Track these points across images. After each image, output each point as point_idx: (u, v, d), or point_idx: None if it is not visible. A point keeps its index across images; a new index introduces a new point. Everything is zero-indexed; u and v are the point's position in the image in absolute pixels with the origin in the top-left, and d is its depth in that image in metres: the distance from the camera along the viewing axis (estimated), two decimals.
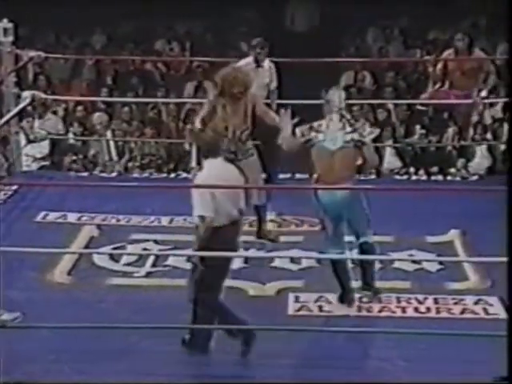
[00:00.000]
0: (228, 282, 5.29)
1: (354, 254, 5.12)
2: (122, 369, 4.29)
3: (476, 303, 4.99)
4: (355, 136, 5.00)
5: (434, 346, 4.36)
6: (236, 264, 5.49)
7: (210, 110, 5.27)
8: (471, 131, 8.09)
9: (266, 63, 6.62)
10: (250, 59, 6.54)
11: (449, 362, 4.29)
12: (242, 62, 6.57)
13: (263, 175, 5.96)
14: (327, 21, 9.71)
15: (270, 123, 5.42)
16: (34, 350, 4.37)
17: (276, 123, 5.36)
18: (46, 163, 8.33)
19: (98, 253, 5.60)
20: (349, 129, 4.99)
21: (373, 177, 7.85)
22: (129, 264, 5.48)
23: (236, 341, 4.35)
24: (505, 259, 4.31)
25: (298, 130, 5.09)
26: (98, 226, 6.18)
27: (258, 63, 6.51)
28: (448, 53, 7.52)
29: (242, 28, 10.15)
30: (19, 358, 4.22)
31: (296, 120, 5.26)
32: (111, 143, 8.45)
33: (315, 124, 5.05)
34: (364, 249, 5.07)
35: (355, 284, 5.07)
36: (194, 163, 8.37)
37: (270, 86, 6.65)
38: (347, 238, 5.11)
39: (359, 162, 5.37)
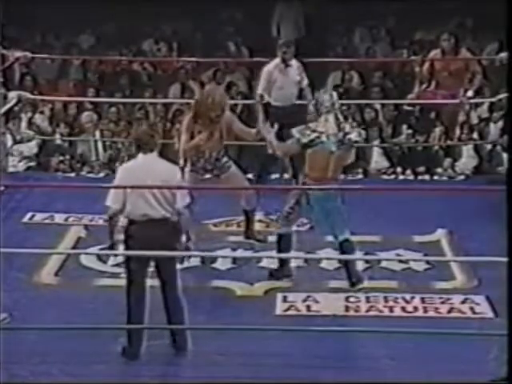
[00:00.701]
0: (216, 282, 5.31)
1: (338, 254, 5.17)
2: (110, 370, 4.28)
3: (463, 302, 5.02)
4: (352, 136, 5.06)
5: (421, 345, 4.37)
6: (224, 264, 5.51)
7: (187, 136, 5.31)
8: (458, 131, 8.12)
9: (294, 62, 6.74)
10: (277, 60, 6.68)
11: (436, 361, 4.31)
12: (271, 65, 6.72)
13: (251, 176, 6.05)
14: (314, 21, 9.71)
15: (249, 138, 5.50)
16: (22, 351, 4.35)
17: (254, 137, 5.44)
18: (33, 164, 8.30)
19: (86, 253, 5.59)
20: (347, 129, 5.05)
21: (360, 177, 7.88)
22: (116, 265, 5.47)
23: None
24: (491, 258, 4.35)
25: (295, 131, 5.13)
26: (86, 227, 6.17)
27: (285, 63, 6.63)
28: (434, 53, 7.56)
29: (230, 28, 10.15)
30: (6, 360, 4.20)
31: (276, 127, 5.34)
32: (99, 143, 8.42)
33: (311, 125, 5.09)
34: (344, 247, 5.11)
35: (341, 284, 5.10)
36: (181, 163, 8.36)
37: (302, 84, 6.76)
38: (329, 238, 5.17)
39: (350, 161, 5.44)
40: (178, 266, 4.46)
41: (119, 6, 9.48)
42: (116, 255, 4.64)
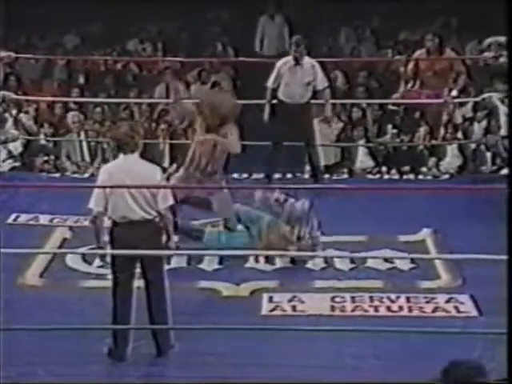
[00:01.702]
0: (202, 283, 5.31)
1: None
2: (96, 371, 4.28)
3: (447, 301, 5.04)
4: None
5: (406, 344, 4.39)
6: (210, 265, 5.51)
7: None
8: (442, 131, 8.16)
9: (307, 61, 6.66)
10: (289, 58, 6.65)
11: (421, 360, 4.33)
12: (282, 60, 6.69)
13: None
14: (299, 21, 9.73)
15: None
16: (7, 352, 4.33)
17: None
18: (18, 164, 8.26)
19: (72, 253, 5.57)
20: None
21: (345, 176, 7.90)
22: (102, 266, 5.45)
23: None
24: (475, 257, 4.37)
25: None
26: (71, 228, 6.14)
27: (296, 61, 6.58)
28: (419, 53, 7.59)
29: (216, 28, 10.14)
30: None
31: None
32: (84, 144, 8.40)
33: None
34: None
35: (327, 284, 5.10)
36: (167, 163, 8.36)
37: (318, 86, 6.69)
38: None
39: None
40: (166, 267, 4.45)
41: (104, 6, 9.45)
42: (102, 256, 4.61)
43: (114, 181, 4.33)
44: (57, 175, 7.82)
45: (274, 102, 6.84)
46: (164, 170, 8.09)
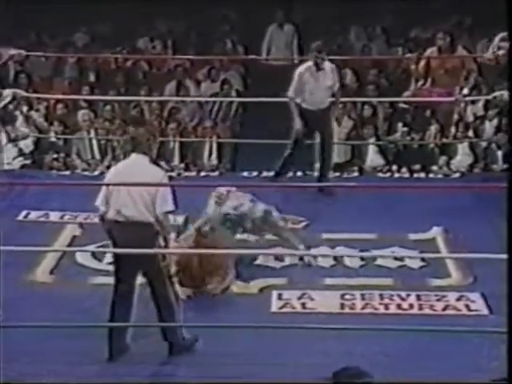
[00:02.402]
0: None
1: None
2: (105, 369, 4.27)
3: (458, 300, 5.02)
4: None
5: (416, 342, 4.37)
6: None
7: None
8: (453, 129, 8.13)
9: (327, 65, 6.68)
10: (309, 63, 6.62)
11: (431, 358, 4.31)
12: (303, 67, 6.67)
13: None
14: (310, 20, 9.71)
15: None
16: (15, 350, 4.33)
17: None
18: (28, 162, 8.28)
19: (81, 251, 5.58)
20: None
21: (355, 174, 7.88)
22: (112, 263, 5.45)
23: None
24: (486, 256, 4.35)
25: None
26: (81, 225, 6.15)
27: (317, 67, 6.56)
28: (431, 51, 7.57)
29: (225, 27, 10.14)
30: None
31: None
32: (94, 142, 8.41)
33: None
34: None
35: (337, 281, 5.07)
36: (177, 161, 8.37)
37: (334, 88, 6.69)
38: None
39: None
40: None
41: (114, 5, 9.46)
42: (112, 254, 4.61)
43: (118, 179, 4.34)
44: (67, 173, 7.83)
45: (300, 107, 6.73)
46: (173, 168, 8.12)
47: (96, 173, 7.91)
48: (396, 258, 5.50)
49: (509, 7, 5.84)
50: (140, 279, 4.41)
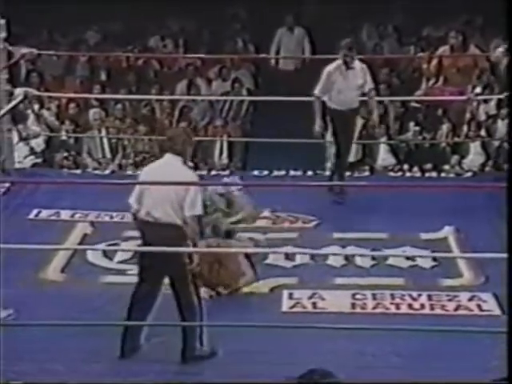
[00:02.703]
0: None
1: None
2: (116, 367, 4.28)
3: (470, 300, 4.99)
4: None
5: (427, 342, 4.35)
6: None
7: None
8: (465, 128, 8.09)
9: (357, 64, 6.49)
10: (339, 62, 6.43)
11: (442, 359, 4.29)
12: (332, 66, 6.47)
13: None
14: (321, 18, 9.69)
15: None
16: (27, 348, 4.34)
17: None
18: (39, 160, 8.30)
19: (92, 249, 5.58)
20: None
21: (367, 174, 7.85)
22: (122, 262, 5.46)
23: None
24: (498, 255, 4.31)
25: None
26: (92, 224, 6.16)
27: (347, 65, 6.39)
28: (443, 49, 7.54)
29: (236, 25, 10.13)
30: (12, 357, 4.19)
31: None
32: (105, 140, 8.43)
33: None
34: None
35: (348, 281, 5.06)
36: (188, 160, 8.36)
37: (365, 88, 6.52)
38: None
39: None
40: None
41: (126, 3, 9.47)
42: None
43: (150, 178, 4.35)
44: (78, 171, 7.84)
45: (326, 107, 6.55)
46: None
47: (107, 171, 7.92)
48: (407, 258, 5.48)
49: (509, 7, 5.80)
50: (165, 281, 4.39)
